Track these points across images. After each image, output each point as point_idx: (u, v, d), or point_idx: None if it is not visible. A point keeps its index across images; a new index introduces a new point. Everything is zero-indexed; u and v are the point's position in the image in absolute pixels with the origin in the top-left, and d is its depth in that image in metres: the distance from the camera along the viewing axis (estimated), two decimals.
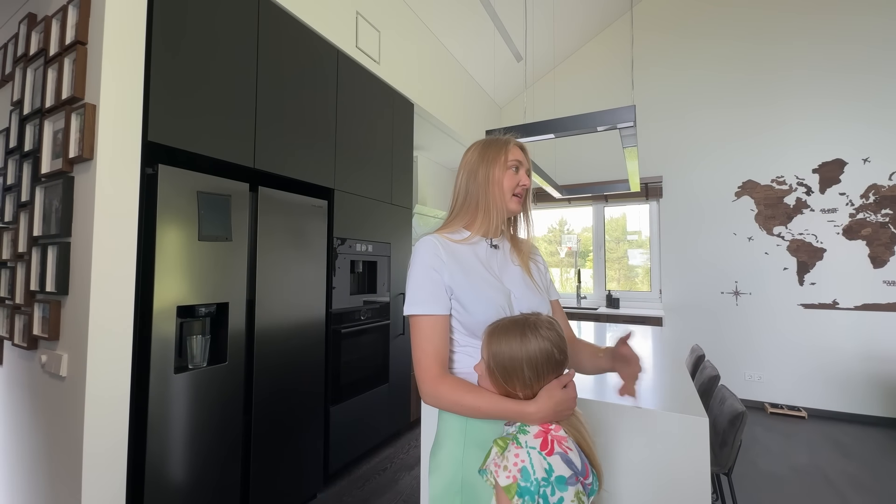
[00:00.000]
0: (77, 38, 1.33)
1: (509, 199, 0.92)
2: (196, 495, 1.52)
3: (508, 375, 0.73)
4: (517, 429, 0.72)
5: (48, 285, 1.36)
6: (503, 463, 0.67)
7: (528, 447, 0.67)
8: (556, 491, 0.63)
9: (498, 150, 0.93)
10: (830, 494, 2.17)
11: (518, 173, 0.93)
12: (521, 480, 0.63)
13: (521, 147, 0.96)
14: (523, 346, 0.71)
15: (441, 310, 0.84)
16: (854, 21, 3.31)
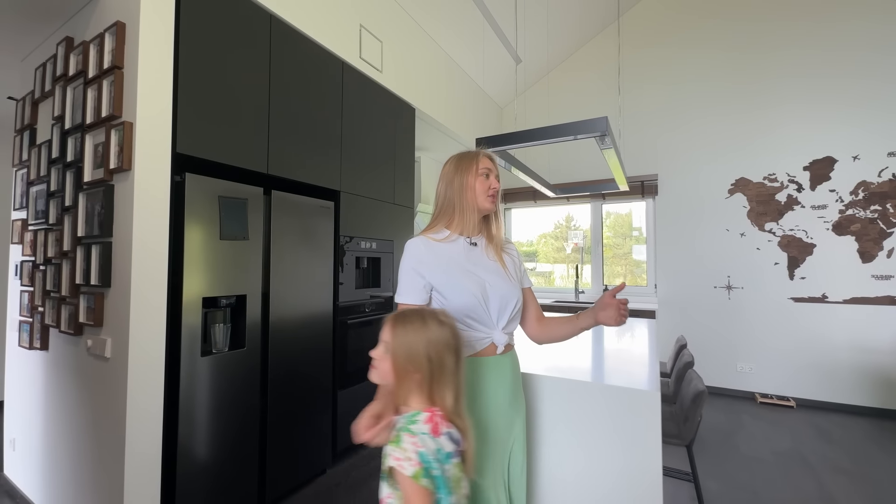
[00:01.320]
0: (114, 63, 1.52)
1: (483, 199, 1.11)
2: (220, 463, 1.73)
3: (411, 357, 0.82)
4: (406, 420, 0.81)
5: (92, 279, 1.57)
6: (404, 455, 0.74)
7: (420, 433, 0.77)
8: (445, 464, 0.77)
9: (470, 160, 1.11)
10: (806, 476, 2.31)
11: (489, 178, 1.11)
12: (423, 463, 0.74)
13: (490, 157, 1.14)
14: (425, 331, 0.83)
15: (417, 300, 1.06)
16: (843, 26, 3.38)
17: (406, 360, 0.82)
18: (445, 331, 0.85)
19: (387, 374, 0.85)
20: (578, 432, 1.32)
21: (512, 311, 1.10)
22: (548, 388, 1.39)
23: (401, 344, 0.83)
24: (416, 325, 0.84)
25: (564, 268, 4.89)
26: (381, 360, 0.86)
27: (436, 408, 0.82)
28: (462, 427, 0.85)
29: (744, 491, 2.14)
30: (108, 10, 1.63)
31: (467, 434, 0.85)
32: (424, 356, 0.82)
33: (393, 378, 0.84)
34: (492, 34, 3.66)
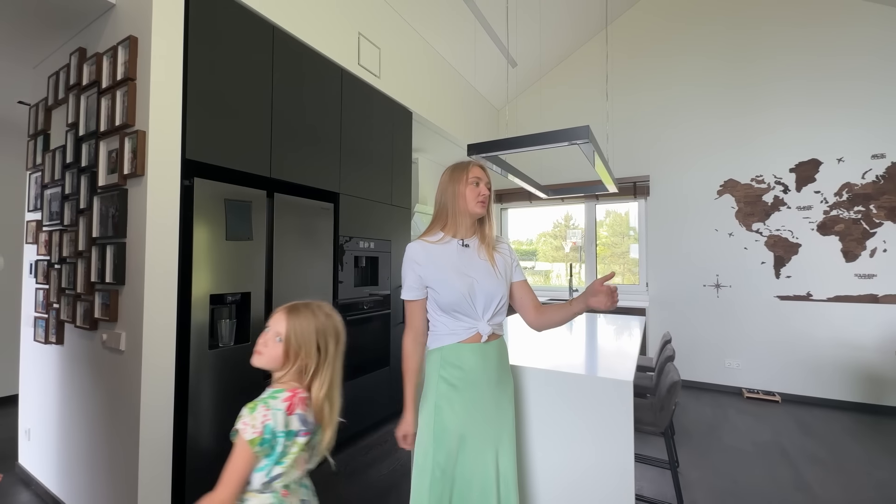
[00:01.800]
0: (128, 75, 1.62)
1: (474, 205, 1.23)
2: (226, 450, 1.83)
3: (303, 344, 0.92)
4: (269, 394, 0.89)
5: (107, 277, 1.67)
6: (252, 422, 0.84)
7: (274, 409, 0.86)
8: (283, 440, 0.86)
9: (461, 171, 1.23)
10: (784, 466, 2.42)
11: (478, 186, 1.23)
12: (265, 434, 0.84)
13: (481, 166, 1.25)
14: (315, 321, 0.94)
15: (417, 296, 1.24)
16: (829, 32, 3.49)
17: (298, 346, 0.92)
18: (331, 323, 0.97)
19: (274, 360, 0.93)
20: (558, 418, 1.43)
21: (497, 305, 1.22)
22: (531, 379, 1.50)
23: (296, 332, 0.92)
24: (308, 316, 0.94)
25: (563, 266, 4.99)
26: (269, 347, 0.93)
27: (301, 390, 0.91)
28: (324, 416, 0.94)
29: (723, 479, 2.25)
30: (120, 24, 1.73)
31: (326, 424, 0.94)
32: (314, 344, 0.93)
33: (281, 363, 0.92)
34: (487, 39, 3.76)
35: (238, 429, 0.85)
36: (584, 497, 1.38)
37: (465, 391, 1.19)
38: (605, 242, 4.72)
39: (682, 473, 2.31)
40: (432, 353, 1.24)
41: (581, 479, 1.39)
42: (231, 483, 0.84)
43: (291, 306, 0.96)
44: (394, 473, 2.31)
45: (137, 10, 1.66)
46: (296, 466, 0.90)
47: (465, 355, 1.20)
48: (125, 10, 1.72)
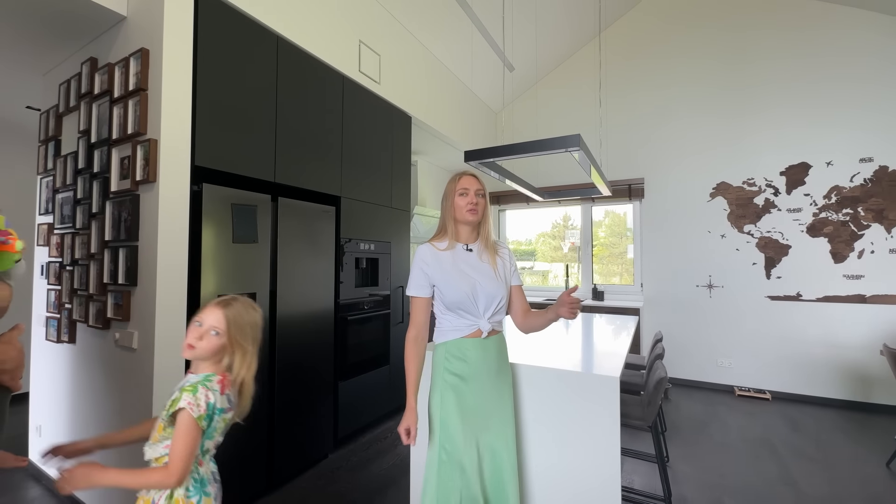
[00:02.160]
0: (140, 85, 1.70)
1: (464, 213, 1.33)
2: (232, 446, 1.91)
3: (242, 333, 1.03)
4: (202, 379, 0.99)
5: (119, 278, 1.75)
6: (196, 402, 0.94)
7: (213, 390, 0.98)
8: (217, 416, 0.98)
9: (453, 183, 1.35)
10: (771, 461, 2.50)
11: (467, 196, 1.31)
12: (208, 411, 0.96)
13: (473, 175, 1.34)
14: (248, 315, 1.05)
15: (423, 293, 1.33)
16: (818, 40, 3.58)
17: (236, 338, 1.02)
18: (258, 315, 1.08)
19: (208, 351, 1.01)
20: (550, 412, 1.51)
21: (497, 305, 1.32)
22: (526, 375, 1.57)
23: (235, 326, 1.02)
24: (242, 312, 1.05)
25: (562, 267, 5.06)
26: (205, 340, 1.00)
27: (227, 374, 1.03)
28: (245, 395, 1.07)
29: (711, 474, 2.33)
30: (131, 36, 1.81)
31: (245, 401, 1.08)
32: (249, 335, 1.04)
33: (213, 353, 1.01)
34: (485, 44, 3.84)
35: (183, 407, 0.94)
36: (574, 486, 1.46)
37: (467, 381, 1.29)
38: (604, 243, 4.79)
39: (672, 468, 2.39)
40: (438, 348, 1.35)
41: (572, 470, 1.47)
42: (185, 458, 0.93)
43: (224, 302, 1.05)
44: (394, 468, 2.39)
45: (149, 23, 1.73)
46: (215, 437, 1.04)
47: (467, 349, 1.31)
48: (136, 23, 1.80)
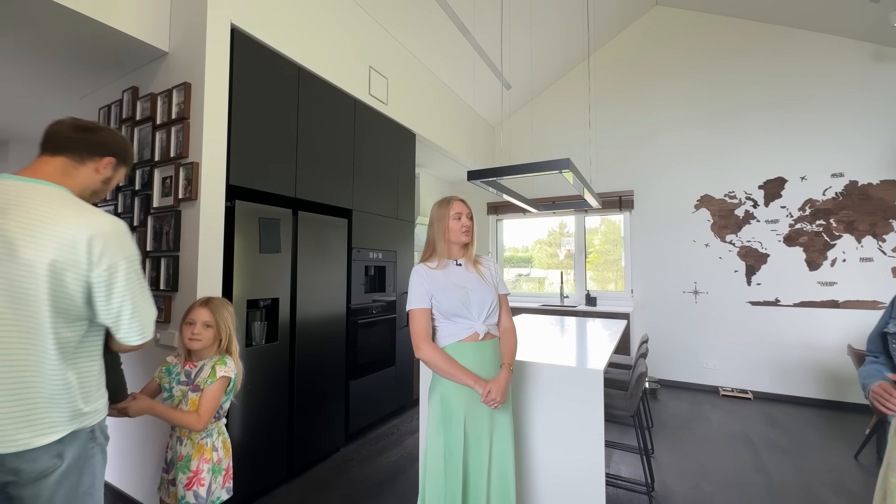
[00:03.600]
0: (182, 115, 1.93)
1: (458, 235, 1.52)
2: (258, 436, 2.12)
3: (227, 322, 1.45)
4: (222, 358, 1.42)
5: (161, 285, 1.96)
6: (227, 371, 1.39)
7: (231, 365, 1.42)
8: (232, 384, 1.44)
9: (446, 207, 1.53)
10: (747, 452, 2.73)
11: (461, 220, 1.51)
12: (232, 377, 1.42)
13: (461, 200, 1.55)
14: (225, 308, 1.48)
15: (425, 305, 1.47)
16: (793, 66, 3.87)
17: (223, 327, 1.44)
18: (231, 307, 1.50)
19: (208, 340, 1.41)
20: (543, 403, 1.73)
21: (489, 308, 1.50)
22: (521, 370, 1.80)
23: (222, 318, 1.44)
24: (222, 307, 1.47)
25: (559, 273, 5.28)
26: (203, 333, 1.40)
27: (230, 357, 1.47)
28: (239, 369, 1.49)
29: (692, 463, 2.56)
30: (173, 70, 2.04)
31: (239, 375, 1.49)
32: (231, 322, 1.48)
33: (211, 342, 1.42)
34: (483, 66, 4.11)
35: (224, 375, 1.38)
36: (563, 470, 1.68)
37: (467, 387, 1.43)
38: (599, 250, 5.03)
39: (657, 459, 2.61)
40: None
41: (561, 456, 1.69)
42: (212, 409, 1.35)
43: (204, 301, 1.46)
44: (401, 460, 2.59)
45: (190, 59, 1.97)
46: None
47: (465, 351, 1.45)
48: (178, 58, 2.03)
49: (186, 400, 1.37)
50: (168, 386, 1.41)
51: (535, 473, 1.75)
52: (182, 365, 1.42)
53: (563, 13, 3.90)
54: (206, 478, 1.35)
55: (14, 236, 0.87)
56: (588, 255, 4.95)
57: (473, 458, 1.42)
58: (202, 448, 1.37)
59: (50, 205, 0.91)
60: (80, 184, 1.02)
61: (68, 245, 0.90)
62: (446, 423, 1.42)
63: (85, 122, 1.06)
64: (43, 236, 0.88)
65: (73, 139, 1.01)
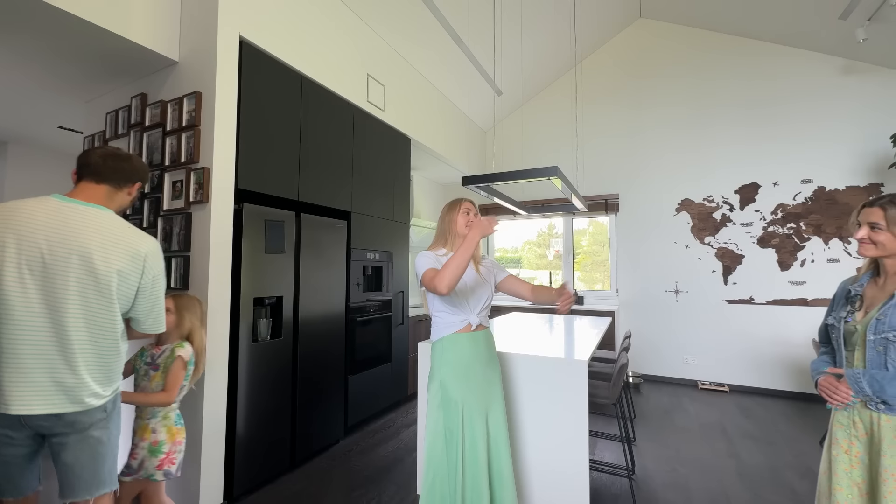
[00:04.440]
0: (193, 122, 2.04)
1: (464, 229, 1.68)
2: (263, 432, 2.23)
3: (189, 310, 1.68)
4: (180, 343, 1.63)
5: (172, 283, 2.06)
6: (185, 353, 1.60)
7: (188, 349, 1.62)
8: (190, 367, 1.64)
9: (457, 205, 1.70)
10: (721, 440, 2.93)
11: (468, 216, 1.67)
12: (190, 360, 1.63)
13: (471, 201, 1.71)
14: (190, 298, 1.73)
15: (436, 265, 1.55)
16: (766, 75, 4.11)
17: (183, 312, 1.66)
18: (197, 301, 1.74)
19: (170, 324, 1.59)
20: (532, 392, 1.88)
21: (484, 303, 1.66)
22: (511, 362, 1.95)
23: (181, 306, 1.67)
24: (186, 298, 1.71)
25: (547, 274, 5.46)
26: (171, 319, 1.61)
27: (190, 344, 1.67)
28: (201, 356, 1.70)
29: (669, 449, 2.74)
30: (184, 79, 2.14)
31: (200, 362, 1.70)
32: (198, 314, 1.71)
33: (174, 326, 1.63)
34: (476, 73, 4.26)
35: (180, 355, 1.59)
36: (550, 455, 1.83)
37: (462, 369, 1.59)
38: (587, 251, 5.22)
39: (638, 446, 2.79)
40: (435, 344, 1.63)
41: (548, 441, 1.84)
42: (176, 383, 1.57)
43: (178, 297, 1.70)
44: (398, 451, 2.72)
45: (201, 69, 2.07)
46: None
47: (460, 341, 1.61)
48: (188, 68, 2.14)
49: (148, 376, 1.60)
50: (138, 366, 1.63)
51: (526, 456, 1.90)
52: (151, 349, 1.65)
53: (552, 24, 4.08)
54: (139, 454, 1.54)
55: (91, 252, 1.16)
56: (576, 256, 5.14)
57: (470, 437, 1.57)
58: (145, 427, 1.56)
59: (114, 228, 1.22)
60: (118, 205, 1.32)
61: (131, 259, 1.23)
62: (446, 407, 1.57)
63: (116, 151, 1.33)
64: (114, 253, 1.19)
65: (112, 168, 1.29)
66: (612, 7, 4.33)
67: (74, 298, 1.13)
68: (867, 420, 1.15)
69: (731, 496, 2.19)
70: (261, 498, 2.16)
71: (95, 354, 1.17)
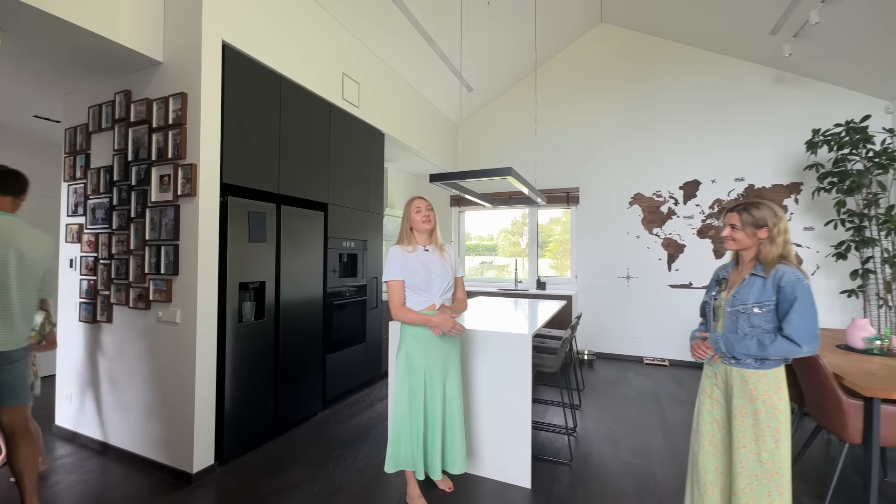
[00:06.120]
0: (180, 121, 2.21)
1: (420, 225, 1.95)
2: (249, 399, 2.48)
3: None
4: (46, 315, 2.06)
5: (162, 269, 2.25)
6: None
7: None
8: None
9: (409, 206, 1.96)
10: (653, 403, 3.40)
11: (420, 213, 1.94)
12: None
13: (422, 197, 1.99)
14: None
15: (400, 277, 1.89)
16: (704, 82, 4.54)
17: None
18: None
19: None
20: (484, 363, 2.22)
21: (446, 286, 1.96)
22: (468, 337, 2.27)
23: None
24: None
25: (519, 261, 5.78)
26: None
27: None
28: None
29: (609, 412, 3.18)
30: (169, 80, 2.29)
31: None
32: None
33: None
34: (447, 69, 4.49)
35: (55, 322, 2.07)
36: (499, 415, 2.18)
37: (424, 341, 1.90)
38: (559, 239, 5.59)
39: (583, 411, 3.21)
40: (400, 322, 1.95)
41: (497, 403, 2.19)
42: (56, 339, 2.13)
43: None
44: (372, 420, 3.03)
45: (186, 71, 2.23)
46: None
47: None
48: (173, 69, 2.29)
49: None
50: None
51: (480, 416, 2.25)
52: None
53: (516, 28, 4.34)
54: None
55: (24, 250, 1.76)
56: (549, 244, 5.53)
57: (430, 398, 1.89)
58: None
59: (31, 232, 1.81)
60: (19, 211, 1.87)
61: (47, 252, 1.86)
62: (410, 373, 1.88)
63: (9, 170, 1.85)
64: (38, 249, 1.81)
65: (12, 183, 1.83)
66: (574, 11, 4.63)
67: (14, 279, 1.71)
68: (723, 372, 1.54)
69: (651, 446, 2.63)
70: (247, 460, 2.42)
71: (25, 314, 1.78)
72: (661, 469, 2.34)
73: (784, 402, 1.43)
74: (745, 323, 1.48)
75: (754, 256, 1.52)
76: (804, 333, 1.34)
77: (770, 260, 1.45)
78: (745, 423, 1.44)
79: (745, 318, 1.48)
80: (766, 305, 1.42)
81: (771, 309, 1.42)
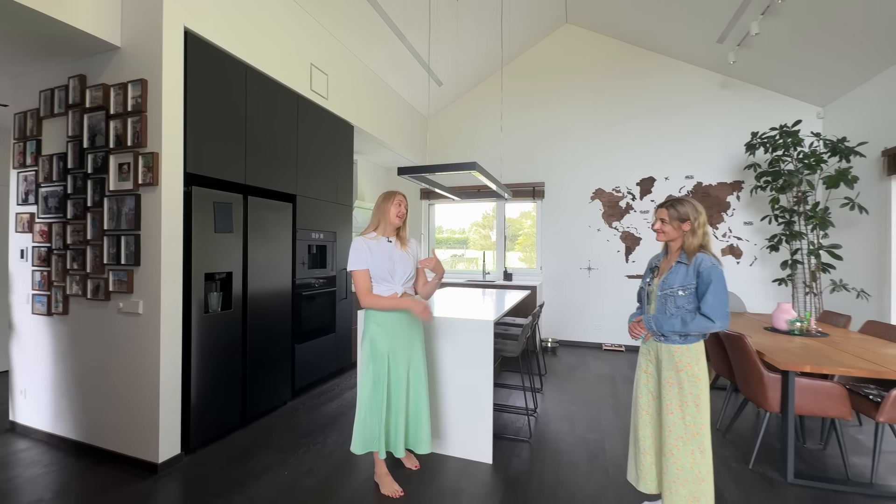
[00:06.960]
0: (140, 108, 2.17)
1: (395, 219, 2.03)
2: (216, 389, 2.49)
3: None
4: None
5: (122, 260, 2.22)
6: None
7: None
8: None
9: (391, 197, 2.03)
10: (607, 385, 3.64)
11: (399, 207, 2.03)
12: None
13: (404, 195, 2.06)
14: None
15: (366, 266, 1.96)
16: (657, 84, 4.83)
17: None
18: None
19: None
20: (449, 348, 2.34)
21: (408, 276, 2.04)
22: (435, 324, 2.38)
23: None
24: None
25: (489, 253, 5.92)
26: None
27: None
28: None
29: (567, 394, 3.39)
30: (128, 65, 2.24)
31: None
32: None
33: None
34: (417, 64, 4.54)
35: None
36: (462, 398, 2.31)
37: (387, 328, 1.99)
38: (528, 232, 5.78)
39: (544, 394, 3.41)
40: (367, 309, 2.02)
41: (461, 387, 2.32)
42: None
43: None
44: (341, 407, 3.10)
45: (146, 57, 2.19)
46: None
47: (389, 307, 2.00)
48: (131, 55, 2.23)
49: None
50: None
51: (446, 398, 2.37)
52: None
53: (484, 25, 4.44)
54: None
55: None
56: (518, 237, 5.72)
57: (395, 382, 1.99)
58: None
59: None
60: None
61: None
62: (374, 358, 1.96)
63: None
64: None
65: None
66: (540, 11, 4.78)
67: None
68: (654, 348, 1.73)
69: (603, 422, 2.85)
70: (215, 449, 2.44)
71: None
72: (610, 442, 2.55)
73: (703, 371, 1.63)
74: (671, 304, 1.66)
75: (680, 246, 1.71)
76: (717, 311, 1.54)
77: (692, 249, 1.65)
78: (672, 392, 1.64)
79: (671, 300, 1.67)
80: (688, 288, 1.61)
81: (692, 291, 1.61)
